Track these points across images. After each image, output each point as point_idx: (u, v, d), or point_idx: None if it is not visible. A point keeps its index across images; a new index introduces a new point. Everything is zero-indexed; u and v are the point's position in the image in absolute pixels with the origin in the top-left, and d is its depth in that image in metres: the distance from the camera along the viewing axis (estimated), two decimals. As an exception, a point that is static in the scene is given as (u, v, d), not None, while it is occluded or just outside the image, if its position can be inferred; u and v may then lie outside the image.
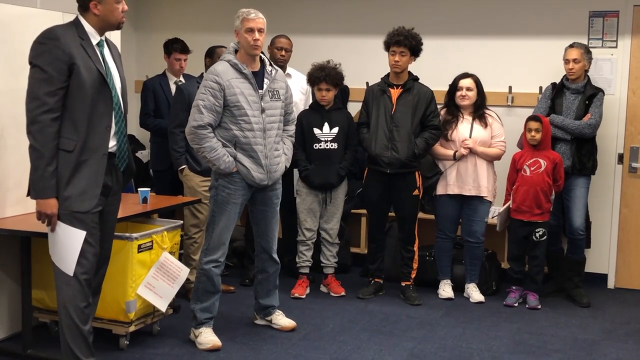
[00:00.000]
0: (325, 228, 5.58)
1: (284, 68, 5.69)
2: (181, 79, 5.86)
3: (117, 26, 3.63)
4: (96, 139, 3.51)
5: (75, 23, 3.55)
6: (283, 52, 5.61)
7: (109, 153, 3.59)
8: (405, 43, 5.23)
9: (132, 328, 4.29)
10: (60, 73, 3.40)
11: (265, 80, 4.45)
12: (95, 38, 3.56)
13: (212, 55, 5.36)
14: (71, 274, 3.52)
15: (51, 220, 3.48)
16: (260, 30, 4.34)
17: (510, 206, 5.39)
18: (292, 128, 4.70)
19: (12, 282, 4.36)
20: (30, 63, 3.46)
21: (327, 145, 5.45)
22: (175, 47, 5.82)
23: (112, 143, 3.61)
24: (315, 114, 5.51)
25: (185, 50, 5.84)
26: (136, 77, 6.94)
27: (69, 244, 3.51)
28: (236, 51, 4.43)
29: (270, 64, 4.53)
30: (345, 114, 5.63)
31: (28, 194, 3.58)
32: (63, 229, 3.50)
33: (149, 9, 7.07)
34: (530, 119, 5.35)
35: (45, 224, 3.52)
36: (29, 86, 3.44)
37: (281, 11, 6.54)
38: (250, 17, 4.33)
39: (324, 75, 5.37)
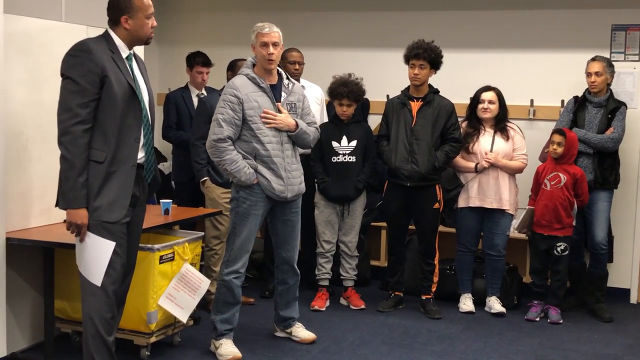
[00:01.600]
0: (344, 241, 5.58)
1: (297, 81, 5.73)
2: (203, 91, 5.90)
3: (146, 41, 3.68)
4: (125, 151, 3.55)
5: (105, 36, 3.60)
6: (297, 66, 5.62)
7: (138, 164, 3.62)
8: (425, 56, 5.23)
9: (153, 339, 4.31)
10: (92, 85, 3.44)
11: (283, 94, 4.48)
12: (124, 52, 3.61)
13: (233, 69, 5.38)
14: (99, 284, 3.54)
15: (81, 230, 3.50)
16: (274, 44, 4.37)
17: (534, 212, 5.35)
18: (313, 128, 4.67)
19: (35, 293, 4.39)
20: (63, 75, 3.49)
21: (345, 159, 5.46)
22: (197, 61, 5.87)
23: (141, 155, 3.65)
24: (333, 127, 5.51)
25: (207, 63, 5.89)
26: (159, 89, 6.99)
27: (97, 254, 3.53)
28: (254, 65, 4.47)
29: (287, 78, 4.57)
30: (363, 127, 5.64)
31: (57, 205, 3.61)
32: (92, 239, 3.52)
33: (172, 22, 7.13)
34: (554, 131, 5.32)
35: (74, 235, 3.54)
36: (61, 97, 3.47)
37: (302, 24, 6.58)
38: (264, 31, 4.37)
39: (347, 92, 5.38)
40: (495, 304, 5.47)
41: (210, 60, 5.90)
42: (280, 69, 4.55)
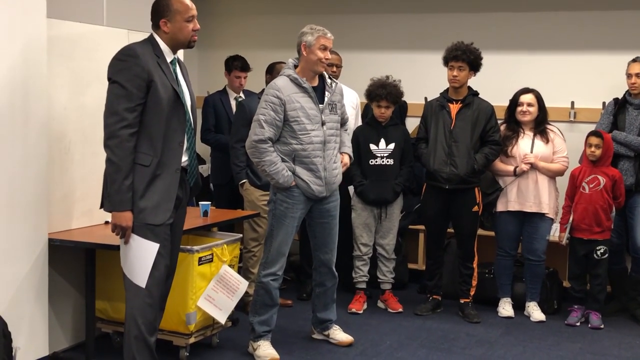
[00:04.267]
0: (381, 244, 5.57)
1: None
2: (241, 95, 5.94)
3: (188, 44, 3.68)
4: (170, 155, 3.58)
5: (151, 40, 3.64)
6: (334, 68, 5.64)
7: (181, 168, 3.66)
8: (464, 58, 5.20)
9: (192, 340, 4.34)
10: (139, 89, 3.48)
11: (327, 94, 4.50)
12: (169, 56, 3.64)
13: (271, 72, 5.42)
14: (144, 285, 3.57)
15: (126, 232, 3.54)
16: (330, 49, 4.45)
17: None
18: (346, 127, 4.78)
19: (77, 293, 4.45)
20: (110, 79, 3.54)
21: (383, 161, 5.45)
22: (235, 65, 5.90)
23: (184, 158, 3.69)
24: (371, 129, 5.51)
25: (245, 68, 5.92)
26: (197, 93, 7.00)
27: (142, 256, 3.57)
28: (295, 67, 4.49)
29: (330, 77, 4.58)
30: (401, 130, 5.63)
31: (102, 207, 3.66)
32: (137, 241, 3.56)
33: (211, 26, 7.19)
34: (591, 134, 5.26)
35: (119, 237, 3.58)
36: (108, 101, 3.51)
37: (340, 27, 6.54)
38: (327, 35, 4.43)
39: (386, 94, 5.37)
40: (534, 312, 5.40)
41: (248, 65, 5.93)
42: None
